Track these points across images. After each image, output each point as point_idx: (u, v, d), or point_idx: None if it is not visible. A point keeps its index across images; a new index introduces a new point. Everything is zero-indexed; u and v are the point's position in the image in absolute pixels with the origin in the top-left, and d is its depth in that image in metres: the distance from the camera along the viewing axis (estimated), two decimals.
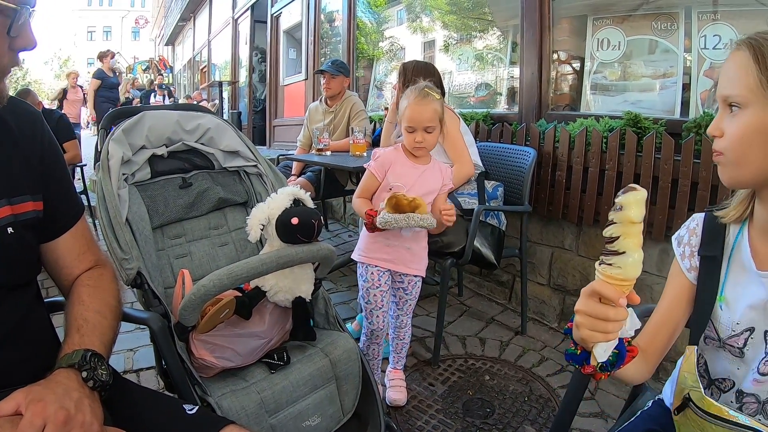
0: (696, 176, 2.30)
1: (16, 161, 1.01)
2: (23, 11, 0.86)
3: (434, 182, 2.03)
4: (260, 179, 1.84)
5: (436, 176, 2.04)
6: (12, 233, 0.97)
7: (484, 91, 4.23)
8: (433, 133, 1.97)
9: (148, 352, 2.55)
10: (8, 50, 0.89)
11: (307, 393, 1.45)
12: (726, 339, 0.96)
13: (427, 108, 1.94)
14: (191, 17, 15.48)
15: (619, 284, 0.80)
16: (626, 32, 3.02)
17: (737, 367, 0.96)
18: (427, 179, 2.02)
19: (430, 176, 2.03)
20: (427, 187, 2.01)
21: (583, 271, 2.90)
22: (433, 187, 2.03)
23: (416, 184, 1.98)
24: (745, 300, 0.93)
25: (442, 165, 2.09)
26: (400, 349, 2.28)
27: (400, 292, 2.16)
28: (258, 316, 1.44)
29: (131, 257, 1.43)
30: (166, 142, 1.75)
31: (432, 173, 2.04)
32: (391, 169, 2.01)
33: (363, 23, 5.82)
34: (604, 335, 0.82)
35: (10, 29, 0.86)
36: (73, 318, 1.03)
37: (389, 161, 2.02)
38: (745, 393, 0.94)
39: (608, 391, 2.34)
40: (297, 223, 1.35)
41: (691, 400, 0.93)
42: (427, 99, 1.96)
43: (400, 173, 2.00)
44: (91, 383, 0.92)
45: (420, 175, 2.01)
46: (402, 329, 2.24)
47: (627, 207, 0.77)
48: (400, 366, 2.32)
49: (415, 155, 2.03)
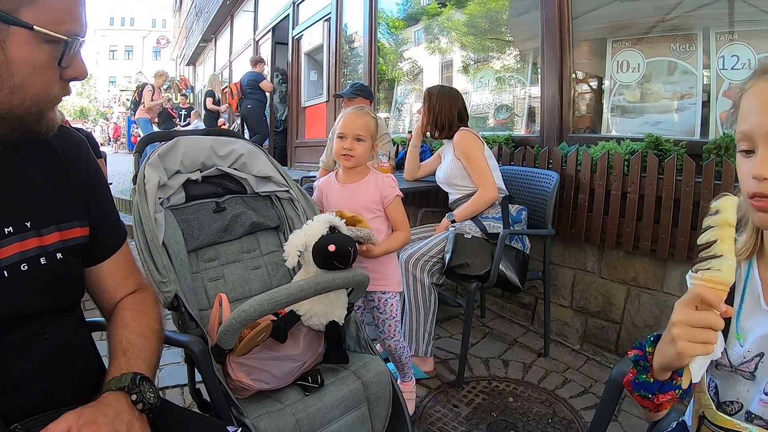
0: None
1: (64, 187, 1.02)
2: (74, 42, 0.87)
3: (367, 197, 2.07)
4: (292, 204, 1.88)
5: (369, 190, 2.08)
6: (61, 258, 0.98)
7: (504, 114, 4.26)
8: (363, 144, 2.04)
9: (173, 370, 2.60)
10: (59, 80, 0.90)
11: (339, 415, 1.47)
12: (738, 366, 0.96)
13: (363, 119, 2.05)
14: (212, 38, 15.68)
15: (719, 288, 0.79)
16: (645, 54, 3.05)
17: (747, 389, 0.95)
18: (357, 196, 2.07)
19: (362, 192, 2.08)
20: (357, 203, 2.04)
21: (605, 293, 2.90)
22: (365, 202, 2.06)
23: (343, 204, 2.03)
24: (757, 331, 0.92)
25: (380, 176, 2.11)
26: (402, 366, 2.28)
27: (376, 312, 2.17)
28: (293, 340, 1.47)
29: (169, 280, 1.47)
30: (200, 167, 1.79)
31: (365, 188, 2.08)
32: (325, 194, 2.14)
33: (383, 45, 5.90)
34: (705, 347, 0.79)
35: (61, 60, 0.87)
36: (118, 341, 1.04)
37: (323, 189, 2.15)
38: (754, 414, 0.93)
39: (631, 412, 2.34)
40: (334, 250, 1.39)
41: (705, 418, 0.94)
42: (363, 111, 2.09)
43: (329, 197, 2.11)
44: (140, 406, 0.93)
45: (348, 195, 2.08)
46: (395, 353, 2.22)
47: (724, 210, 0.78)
48: (407, 379, 2.32)
49: (344, 165, 2.09)
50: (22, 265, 0.91)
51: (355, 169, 2.11)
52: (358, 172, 2.11)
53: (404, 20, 5.72)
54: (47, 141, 1.01)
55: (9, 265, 0.90)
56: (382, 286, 2.11)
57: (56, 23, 0.83)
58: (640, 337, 2.65)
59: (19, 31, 0.80)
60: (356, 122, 2.04)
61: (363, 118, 2.06)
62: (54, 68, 0.87)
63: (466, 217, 2.70)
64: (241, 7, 11.95)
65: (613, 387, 1.24)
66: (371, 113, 2.12)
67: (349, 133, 2.03)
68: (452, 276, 2.59)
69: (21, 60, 0.82)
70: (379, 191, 2.07)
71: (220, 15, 13.05)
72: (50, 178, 1.01)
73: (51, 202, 0.99)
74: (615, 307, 2.85)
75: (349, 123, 2.05)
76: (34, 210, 0.95)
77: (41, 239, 0.95)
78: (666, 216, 2.50)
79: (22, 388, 0.92)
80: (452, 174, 2.80)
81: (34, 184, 0.98)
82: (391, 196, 2.07)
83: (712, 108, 2.74)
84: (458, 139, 2.77)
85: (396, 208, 2.09)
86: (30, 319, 0.94)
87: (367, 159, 2.10)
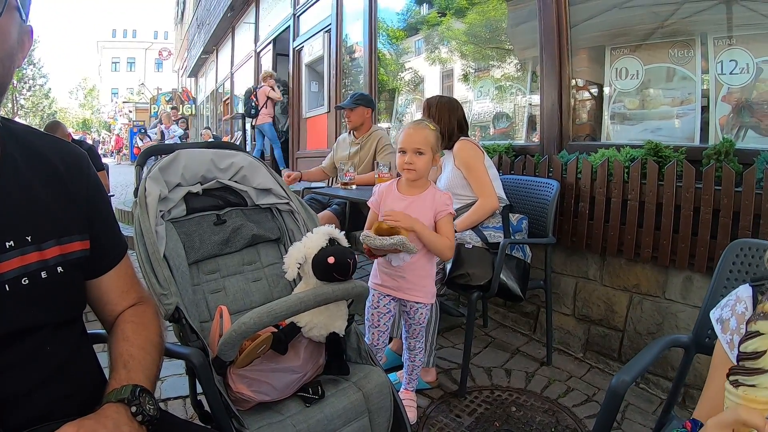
0: (718, 204, 2.32)
1: (64, 201, 1.03)
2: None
3: (422, 211, 2.09)
4: (292, 216, 1.89)
5: (426, 205, 2.10)
6: (61, 272, 0.98)
7: (505, 123, 4.28)
8: (423, 157, 2.06)
9: (175, 381, 2.60)
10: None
11: (340, 426, 1.47)
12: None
13: (421, 133, 2.08)
14: (214, 50, 15.79)
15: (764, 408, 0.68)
16: (644, 61, 3.07)
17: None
18: (414, 209, 2.09)
19: (419, 206, 2.10)
20: (413, 214, 2.06)
21: (607, 300, 2.90)
22: (420, 214, 2.08)
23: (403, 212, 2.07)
24: None
25: (438, 193, 2.14)
26: (411, 371, 2.33)
27: (405, 316, 2.26)
28: (293, 351, 1.47)
29: (170, 293, 1.47)
30: (201, 179, 1.80)
31: (422, 203, 2.11)
32: (383, 201, 2.17)
33: (383, 55, 5.93)
34: None
35: None
36: (119, 354, 1.05)
37: (382, 195, 2.18)
38: None
39: (634, 420, 2.34)
40: (333, 262, 1.39)
41: None
42: (421, 125, 2.11)
43: (389, 205, 2.13)
44: (140, 418, 0.94)
45: (407, 206, 2.10)
46: (413, 352, 2.31)
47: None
48: (410, 388, 2.36)
49: (407, 178, 2.13)
50: (23, 279, 0.92)
51: (417, 182, 2.14)
52: (419, 185, 2.15)
53: (404, 30, 5.75)
54: (47, 155, 1.02)
55: (10, 279, 0.90)
56: (417, 297, 2.17)
57: None
58: (642, 344, 2.66)
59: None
60: (414, 136, 2.07)
61: (422, 131, 2.08)
62: None
63: (467, 227, 2.71)
64: (242, 19, 12.03)
65: (613, 395, 1.23)
66: (430, 125, 2.14)
67: (409, 147, 2.07)
68: (453, 286, 2.60)
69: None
70: (435, 206, 2.10)
71: (221, 27, 13.13)
72: (50, 192, 1.01)
73: (51, 216, 0.99)
74: (617, 314, 2.85)
75: (407, 138, 2.08)
76: (35, 224, 0.96)
77: (42, 253, 0.96)
78: (667, 222, 2.51)
79: (24, 400, 0.92)
80: (453, 184, 2.81)
81: (34, 197, 0.98)
82: (444, 212, 2.10)
83: (711, 113, 2.75)
84: (458, 148, 2.78)
85: (447, 223, 2.11)
86: (32, 333, 0.94)
87: (428, 171, 2.13)
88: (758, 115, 2.59)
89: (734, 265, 1.47)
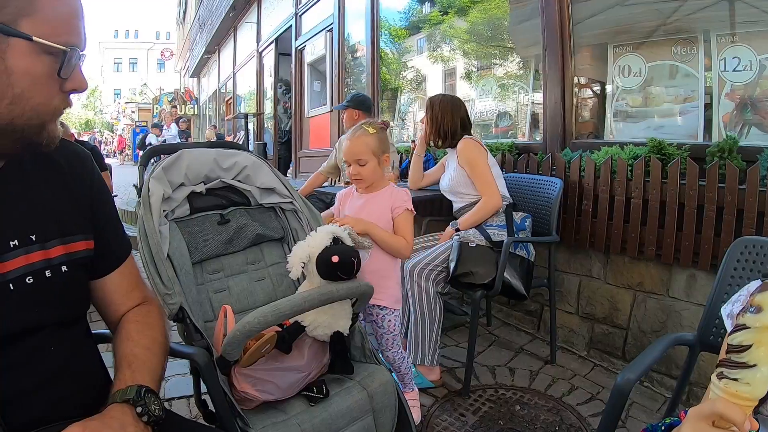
0: (721, 201, 2.31)
1: (68, 201, 1.03)
2: (73, 53, 0.88)
3: (378, 208, 2.11)
4: (296, 215, 1.89)
5: (382, 202, 2.11)
6: (66, 272, 0.98)
7: (507, 121, 4.27)
8: (367, 166, 2.07)
9: (179, 381, 2.60)
10: (59, 92, 0.90)
11: (345, 425, 1.47)
12: None
13: (357, 142, 2.07)
14: (216, 50, 15.78)
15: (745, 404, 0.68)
16: (646, 58, 3.06)
17: None
18: (371, 206, 2.11)
19: (375, 203, 2.12)
20: (369, 213, 2.09)
21: (611, 299, 2.90)
22: (377, 212, 2.10)
23: (358, 212, 2.12)
24: None
25: (395, 191, 2.15)
26: (402, 377, 2.28)
27: (374, 326, 2.19)
28: (297, 351, 1.47)
29: (173, 292, 1.47)
30: (204, 179, 1.79)
31: (378, 199, 2.13)
32: (342, 203, 2.25)
33: (385, 54, 5.92)
34: None
35: (60, 71, 0.87)
36: (123, 354, 1.05)
37: (341, 200, 2.26)
38: None
39: (639, 419, 2.33)
40: (337, 261, 1.40)
41: None
42: (359, 133, 2.10)
43: (347, 207, 2.20)
44: (145, 418, 0.94)
45: (363, 204, 2.13)
46: (395, 363, 2.22)
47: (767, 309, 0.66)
48: (409, 389, 2.32)
49: (358, 187, 2.18)
50: (28, 278, 0.92)
51: (371, 186, 2.15)
52: (375, 186, 2.15)
53: (406, 29, 5.74)
54: (51, 155, 1.02)
55: (14, 278, 0.90)
56: (379, 300, 2.12)
57: (55, 34, 0.84)
58: (646, 342, 2.65)
59: (19, 42, 0.81)
60: (352, 148, 2.08)
61: (359, 140, 2.08)
62: (54, 79, 0.88)
63: (471, 226, 2.70)
64: (244, 18, 12.02)
65: (618, 394, 1.23)
66: (369, 129, 2.12)
67: (351, 159, 2.08)
68: (457, 285, 2.60)
69: (21, 71, 0.83)
70: (391, 203, 2.10)
71: (223, 27, 13.11)
72: (54, 191, 1.01)
73: (55, 215, 1.00)
74: (621, 312, 2.85)
75: (347, 151, 2.10)
76: (39, 223, 0.96)
77: (46, 252, 0.96)
78: (670, 220, 2.50)
79: (28, 400, 0.92)
80: (456, 182, 2.81)
81: (39, 197, 0.98)
82: (400, 208, 2.09)
83: (714, 110, 2.74)
84: (461, 147, 2.78)
85: (403, 220, 2.10)
86: (36, 332, 0.94)
87: (378, 175, 2.13)
88: (761, 112, 2.58)
89: (739, 263, 1.47)
